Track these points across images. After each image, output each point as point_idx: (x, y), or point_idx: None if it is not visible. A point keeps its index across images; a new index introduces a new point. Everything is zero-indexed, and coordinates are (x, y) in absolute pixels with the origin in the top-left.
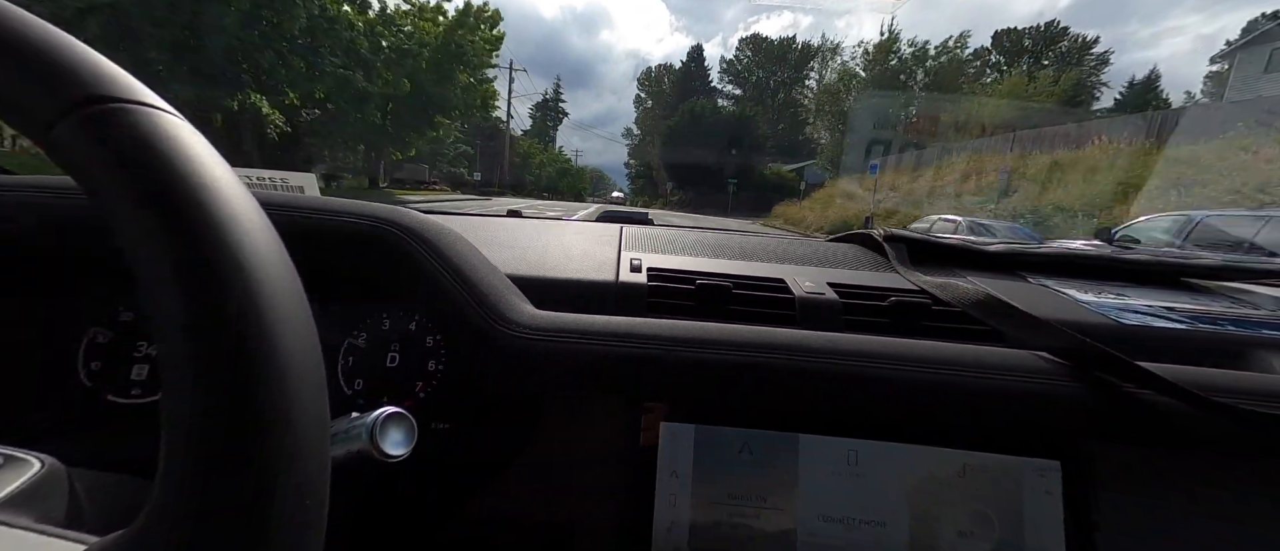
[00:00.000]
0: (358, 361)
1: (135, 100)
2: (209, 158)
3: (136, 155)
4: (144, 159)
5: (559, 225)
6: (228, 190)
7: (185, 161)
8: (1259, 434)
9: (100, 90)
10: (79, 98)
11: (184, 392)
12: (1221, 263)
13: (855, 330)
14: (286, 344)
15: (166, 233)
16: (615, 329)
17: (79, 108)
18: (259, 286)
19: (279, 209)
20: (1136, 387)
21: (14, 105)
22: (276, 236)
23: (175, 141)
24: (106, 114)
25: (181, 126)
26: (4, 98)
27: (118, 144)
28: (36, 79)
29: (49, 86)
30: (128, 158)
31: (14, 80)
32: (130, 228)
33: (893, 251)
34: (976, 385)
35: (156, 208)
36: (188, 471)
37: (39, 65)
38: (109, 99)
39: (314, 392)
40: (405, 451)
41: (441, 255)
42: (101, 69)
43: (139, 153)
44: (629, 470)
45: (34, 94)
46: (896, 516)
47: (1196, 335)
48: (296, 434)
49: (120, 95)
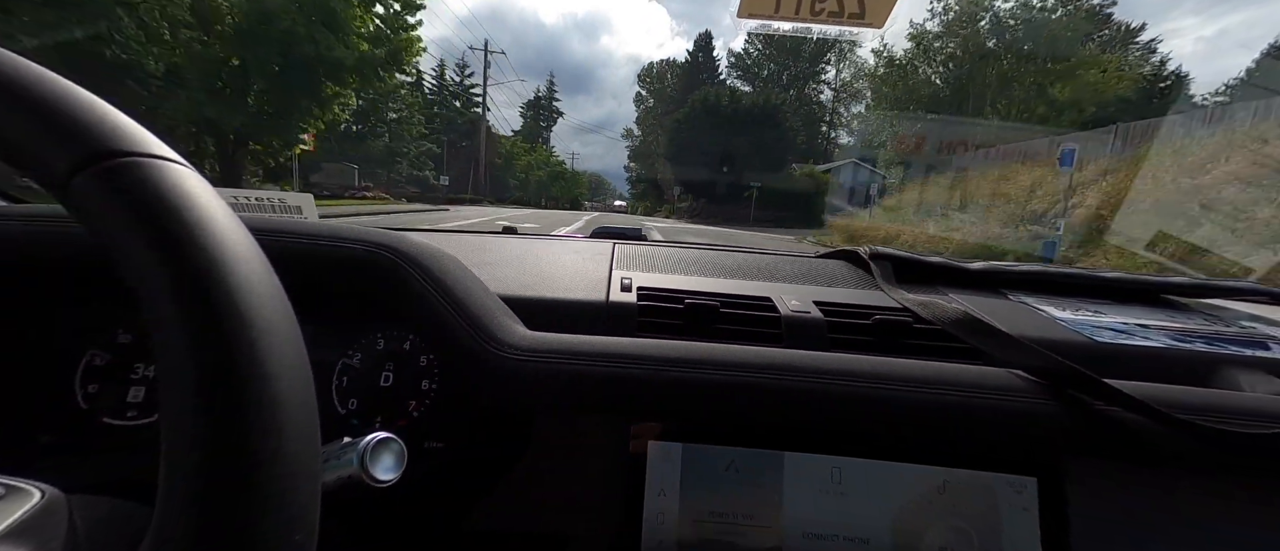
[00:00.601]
0: (352, 381)
1: (146, 153)
2: (213, 207)
3: (146, 207)
4: (153, 210)
5: (552, 243)
6: (229, 238)
7: (190, 212)
8: (1220, 450)
9: (114, 145)
10: (95, 152)
11: (183, 436)
12: (1197, 281)
13: (840, 348)
14: (283, 389)
15: (173, 282)
16: (604, 349)
17: (95, 162)
18: (257, 331)
19: (274, 234)
20: (1106, 405)
21: (34, 158)
22: (274, 279)
23: (182, 193)
24: (120, 168)
25: (189, 177)
26: (25, 151)
27: (129, 196)
28: (56, 134)
29: (67, 141)
30: (138, 209)
31: (35, 134)
32: (141, 276)
33: (878, 269)
34: (955, 403)
35: (164, 258)
36: (181, 510)
37: (58, 121)
38: (122, 153)
39: (306, 432)
40: (395, 476)
41: (435, 279)
42: (115, 124)
43: (148, 205)
44: (618, 488)
45: (53, 148)
46: (879, 533)
47: (1169, 353)
48: (288, 472)
49: (132, 149)
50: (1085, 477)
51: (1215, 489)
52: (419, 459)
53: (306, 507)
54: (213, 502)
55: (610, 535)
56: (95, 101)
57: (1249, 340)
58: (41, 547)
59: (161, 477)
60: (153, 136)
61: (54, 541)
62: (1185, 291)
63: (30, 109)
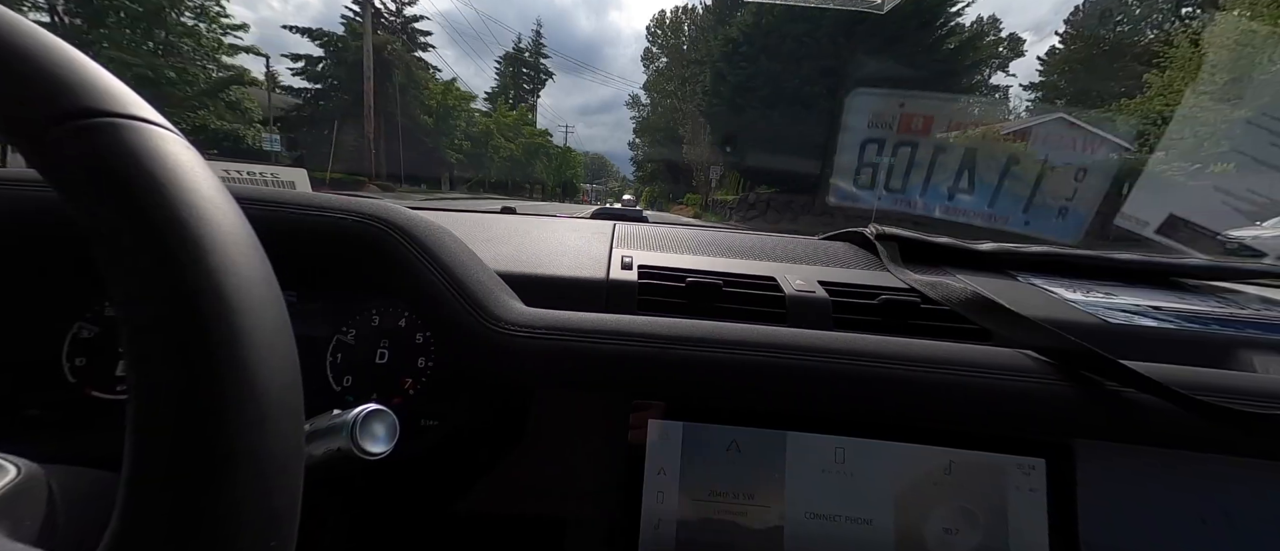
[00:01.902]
0: (346, 357)
1: (128, 115)
2: (197, 174)
3: (123, 169)
4: (130, 173)
5: (551, 222)
6: (211, 207)
7: (170, 177)
8: (1240, 432)
9: (94, 103)
10: (72, 109)
11: (149, 417)
12: (1209, 263)
13: (845, 328)
14: (263, 376)
15: (146, 254)
16: (604, 326)
17: (72, 119)
18: (235, 306)
19: (264, 205)
20: (1120, 386)
21: (6, 112)
22: (259, 253)
23: (163, 157)
24: (97, 127)
25: (172, 141)
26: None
27: (105, 156)
28: (32, 88)
29: (44, 97)
30: (113, 171)
31: (10, 87)
32: (109, 243)
33: (884, 250)
34: (963, 383)
35: (135, 224)
36: (150, 489)
37: (36, 74)
38: (102, 112)
39: (289, 422)
40: (386, 448)
41: (429, 252)
42: (97, 82)
43: (125, 166)
44: (618, 467)
45: (28, 103)
46: (883, 513)
47: (1182, 334)
48: (268, 447)
49: (113, 109)
50: (1094, 459)
51: (1226, 471)
52: (415, 436)
53: (287, 484)
54: (183, 481)
55: (609, 515)
56: (78, 58)
57: (1263, 322)
58: (17, 523)
59: (128, 452)
60: (138, 98)
61: (30, 517)
62: (1197, 273)
63: (7, 60)
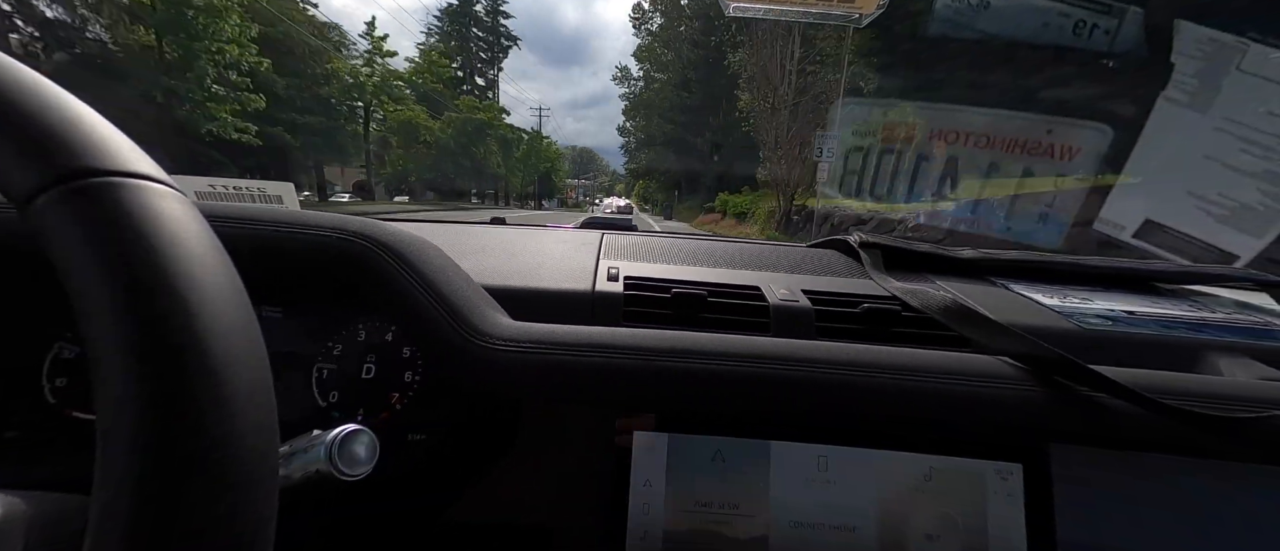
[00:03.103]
0: (333, 373)
1: (119, 172)
2: (188, 233)
3: (103, 231)
4: (110, 234)
5: (538, 233)
6: (194, 271)
7: (149, 239)
8: (1206, 434)
9: (83, 163)
10: (61, 172)
11: (120, 472)
12: (1184, 267)
13: (828, 337)
14: (238, 442)
15: (121, 318)
16: (589, 339)
17: (58, 183)
18: (216, 374)
19: (244, 224)
20: (1092, 391)
21: None
22: (250, 318)
23: (154, 217)
24: (85, 190)
25: (166, 199)
26: None
27: (87, 221)
28: (16, 148)
29: (28, 159)
30: (94, 235)
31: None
32: (87, 306)
33: (867, 258)
34: (941, 390)
35: (112, 293)
36: (118, 517)
37: (20, 132)
38: (92, 172)
39: (260, 437)
40: (366, 469)
41: (413, 267)
42: (88, 137)
43: (107, 229)
44: (604, 478)
45: (13, 165)
46: (866, 521)
47: (1155, 338)
48: (239, 472)
49: (103, 168)
50: (1070, 463)
51: (1199, 473)
52: (402, 451)
53: (259, 508)
54: (152, 512)
55: (596, 526)
56: (72, 108)
57: (1234, 326)
58: None
59: (96, 483)
60: (135, 150)
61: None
62: (1173, 278)
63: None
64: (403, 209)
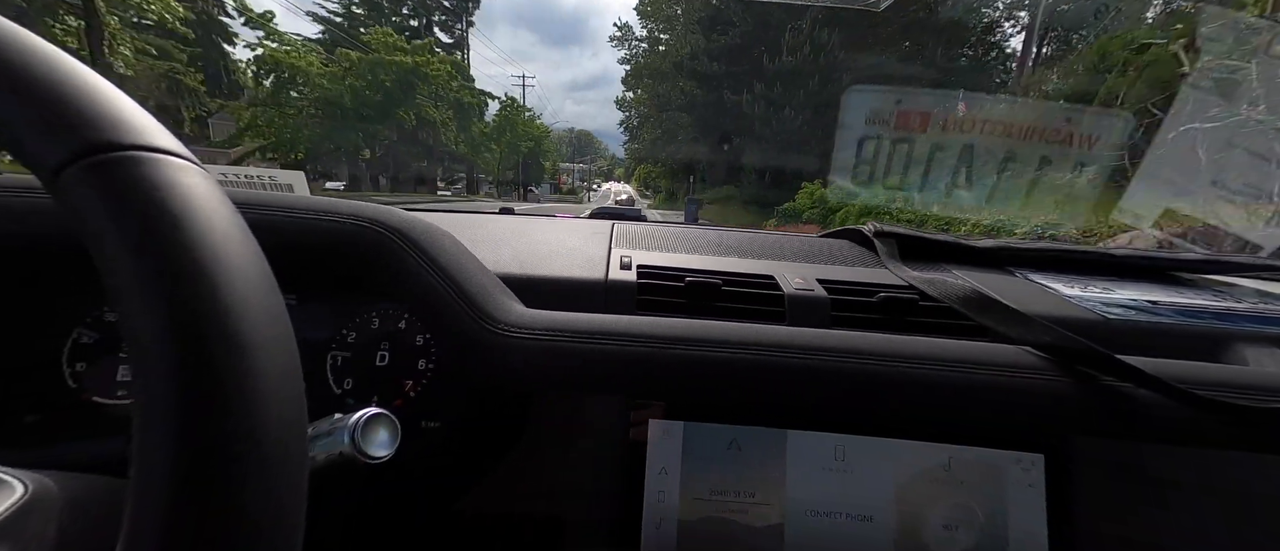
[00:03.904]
0: (347, 360)
1: (144, 146)
2: (211, 207)
3: (133, 202)
4: (139, 206)
5: (550, 222)
6: (226, 244)
7: (183, 214)
8: (1236, 426)
9: (109, 137)
10: (87, 144)
11: (157, 454)
12: (1206, 257)
13: (844, 326)
14: (269, 408)
15: (153, 293)
16: (603, 327)
17: (85, 155)
18: (247, 347)
19: (262, 210)
20: (1117, 381)
21: (22, 147)
22: (274, 290)
23: (178, 191)
24: (112, 163)
25: (188, 171)
26: (14, 138)
27: (116, 191)
28: (45, 122)
29: (57, 131)
30: (123, 205)
31: (26, 120)
32: (120, 283)
33: (883, 247)
34: (961, 380)
35: (141, 265)
36: (157, 501)
37: (49, 107)
38: (117, 146)
39: (290, 420)
40: (388, 452)
41: (428, 255)
42: (115, 113)
43: (136, 200)
44: (619, 467)
45: (42, 138)
46: (883, 510)
47: (1179, 328)
48: (270, 456)
49: (127, 142)
50: (1092, 455)
51: (1223, 466)
52: (416, 439)
53: (292, 489)
54: (190, 493)
55: (610, 514)
56: (97, 85)
57: (1259, 316)
58: (27, 543)
59: (134, 464)
60: (156, 126)
61: (42, 534)
62: (1195, 268)
63: (23, 90)
64: None
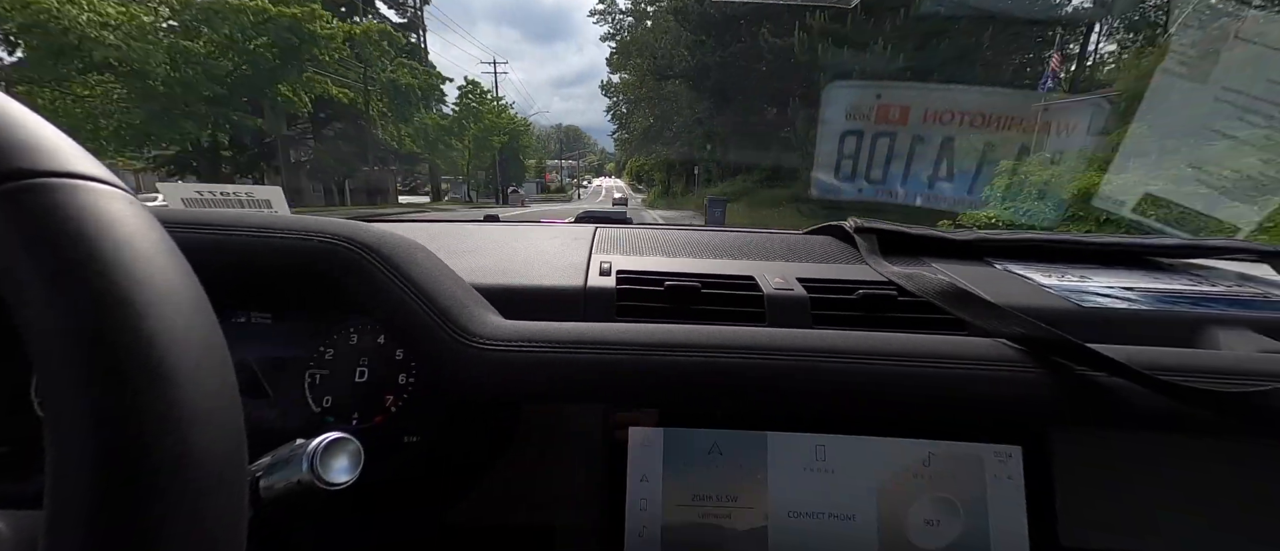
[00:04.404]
0: (326, 377)
1: (60, 173)
2: (134, 233)
3: (42, 235)
4: (51, 239)
5: (530, 229)
6: (145, 274)
7: (94, 241)
8: (1207, 410)
9: (19, 164)
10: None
11: (70, 503)
12: (1184, 241)
13: (825, 324)
14: (198, 445)
15: (62, 324)
16: (581, 336)
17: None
18: (169, 377)
19: (231, 230)
20: (1090, 370)
21: None
22: (207, 317)
23: (96, 218)
24: (21, 191)
25: (113, 199)
26: None
27: (23, 222)
28: None
29: None
30: (32, 236)
31: None
32: (27, 316)
33: (863, 243)
34: (938, 375)
35: (49, 296)
36: (71, 527)
37: None
38: (29, 173)
39: (222, 449)
40: (350, 477)
41: (399, 270)
42: (25, 140)
43: (46, 232)
44: (601, 475)
45: None
46: (865, 509)
47: (1153, 314)
48: (195, 486)
49: (41, 168)
50: (1070, 444)
51: (1199, 450)
52: (398, 454)
53: (226, 521)
54: (105, 531)
55: (595, 522)
56: (9, 109)
57: (1233, 299)
58: None
59: (47, 501)
60: (78, 152)
61: None
62: (1172, 252)
63: None
64: None
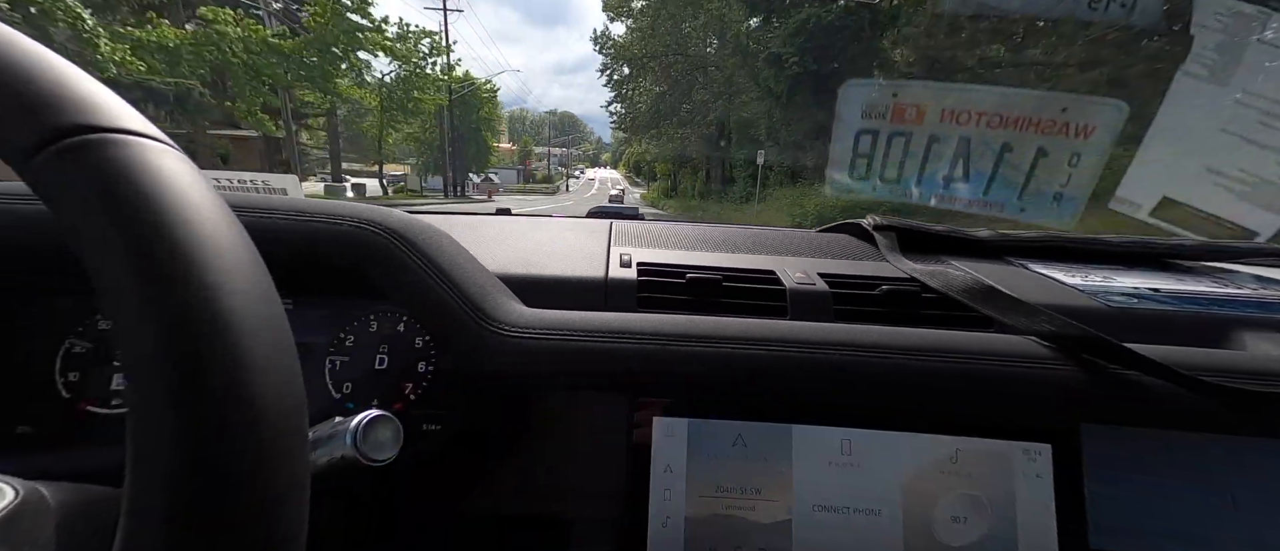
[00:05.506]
0: (345, 364)
1: (118, 128)
2: (190, 188)
3: (112, 187)
4: (119, 191)
5: (549, 222)
6: (206, 222)
7: (161, 193)
8: (1243, 412)
9: (82, 119)
10: (59, 127)
11: (151, 444)
12: (1204, 244)
13: (846, 320)
14: (264, 400)
15: (136, 275)
16: (604, 325)
17: (58, 138)
18: (236, 331)
19: (257, 212)
20: (1123, 369)
21: None
22: (261, 269)
23: (154, 172)
24: (86, 145)
25: (165, 154)
26: None
27: (93, 175)
28: (17, 105)
29: (29, 114)
30: (101, 190)
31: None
32: (102, 264)
33: (883, 240)
34: (966, 371)
35: (126, 244)
36: (154, 513)
37: (20, 90)
38: (91, 128)
39: (293, 443)
40: (392, 454)
41: (426, 256)
42: (86, 96)
43: (115, 184)
44: (624, 465)
45: (14, 121)
46: (890, 504)
47: (1181, 315)
48: (268, 464)
49: (102, 124)
50: (1100, 443)
51: (1232, 451)
52: (417, 441)
53: (291, 495)
54: (185, 503)
55: (616, 514)
56: (67, 70)
57: (1259, 301)
58: (18, 547)
59: (129, 472)
60: (130, 110)
61: (32, 539)
62: (1193, 254)
63: None
64: None
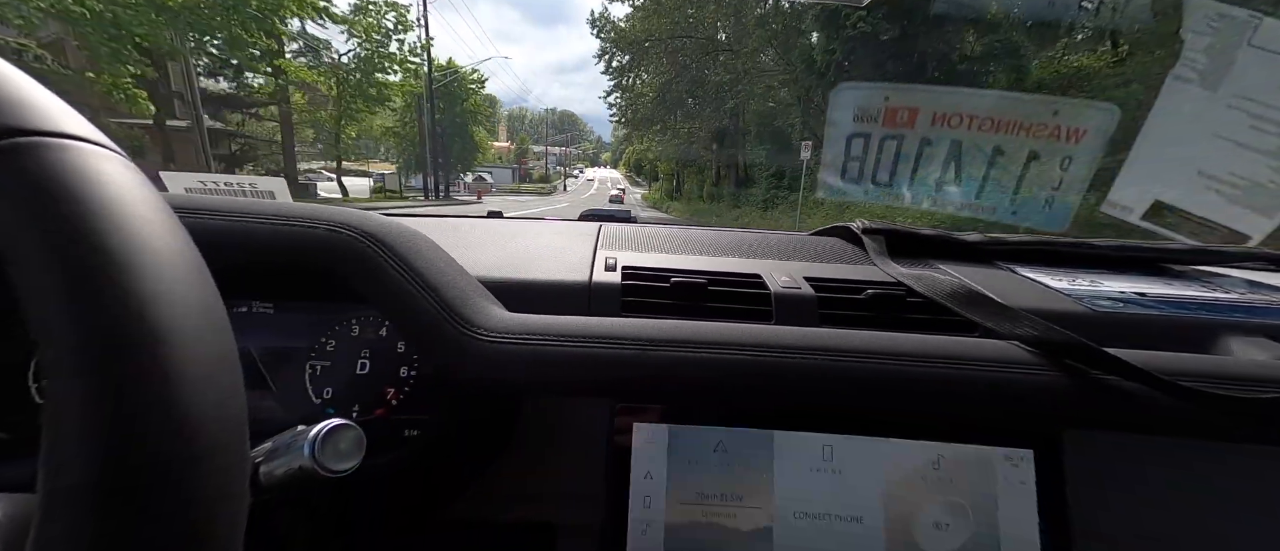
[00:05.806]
0: (326, 369)
1: (56, 132)
2: (129, 195)
3: (38, 195)
4: (46, 199)
5: (535, 225)
6: (144, 235)
7: (92, 203)
8: (1225, 417)
9: (13, 121)
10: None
11: (60, 458)
12: (1194, 247)
13: (832, 324)
14: (196, 414)
15: (58, 289)
16: (585, 330)
17: None
18: (164, 338)
19: (234, 217)
20: (1104, 374)
21: None
22: (204, 281)
23: (91, 179)
24: (15, 148)
25: (107, 161)
26: None
27: (20, 182)
28: None
29: None
30: (28, 198)
31: None
32: (21, 270)
33: (871, 244)
34: (949, 376)
35: (47, 256)
36: (63, 518)
37: None
38: (22, 131)
39: (228, 458)
40: (351, 465)
41: (404, 260)
42: (20, 99)
43: (42, 192)
44: (605, 471)
45: None
46: (873, 510)
47: (1166, 320)
48: (194, 507)
49: (37, 127)
50: (1082, 449)
51: (1213, 457)
52: (400, 446)
53: (221, 510)
54: (94, 524)
55: (598, 519)
56: (3, 69)
57: (1247, 306)
58: None
59: (41, 466)
60: (71, 113)
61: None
62: (1183, 258)
63: None
64: None
